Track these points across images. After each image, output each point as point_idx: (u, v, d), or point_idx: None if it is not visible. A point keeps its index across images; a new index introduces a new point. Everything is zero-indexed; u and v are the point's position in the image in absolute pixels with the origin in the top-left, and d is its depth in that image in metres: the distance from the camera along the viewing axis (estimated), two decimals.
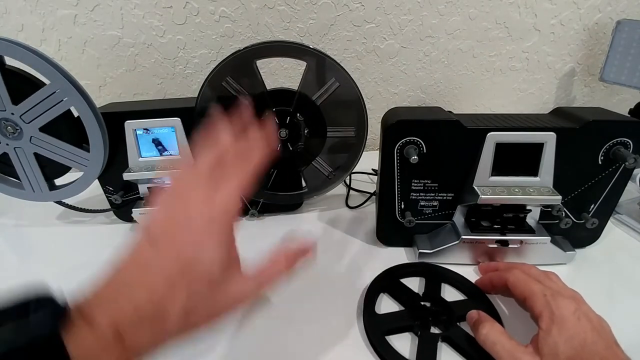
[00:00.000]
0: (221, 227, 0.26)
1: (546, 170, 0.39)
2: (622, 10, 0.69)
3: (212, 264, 0.24)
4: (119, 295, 0.23)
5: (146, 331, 0.22)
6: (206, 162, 0.28)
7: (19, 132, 0.44)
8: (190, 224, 0.25)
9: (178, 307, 0.23)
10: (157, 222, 0.26)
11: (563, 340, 0.29)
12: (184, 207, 0.26)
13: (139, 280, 0.23)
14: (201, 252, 0.24)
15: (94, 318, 0.21)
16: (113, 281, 0.24)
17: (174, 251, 0.24)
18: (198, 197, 0.26)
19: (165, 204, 0.27)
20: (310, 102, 0.46)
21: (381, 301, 0.39)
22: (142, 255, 0.25)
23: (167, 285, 0.23)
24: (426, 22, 0.66)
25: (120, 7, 0.60)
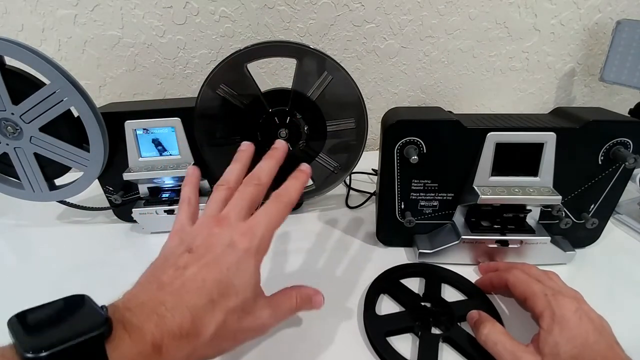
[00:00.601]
0: (258, 258, 0.28)
1: (546, 170, 0.39)
2: (622, 10, 0.69)
3: (248, 290, 0.27)
4: (163, 310, 0.24)
5: (182, 347, 0.23)
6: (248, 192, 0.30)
7: (19, 132, 0.44)
8: (234, 250, 0.27)
9: (213, 328, 0.25)
10: (197, 235, 0.28)
11: (564, 340, 0.29)
12: (228, 232, 0.28)
13: (183, 299, 0.24)
14: (242, 278, 0.27)
15: (139, 332, 0.22)
16: (153, 286, 0.25)
17: (217, 271, 0.26)
18: (240, 227, 0.28)
19: (207, 223, 0.29)
20: (305, 98, 0.46)
21: (381, 302, 0.39)
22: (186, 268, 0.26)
23: (209, 306, 0.25)
24: (426, 22, 0.66)
25: (120, 7, 0.60)
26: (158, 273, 0.26)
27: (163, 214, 0.50)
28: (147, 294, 0.25)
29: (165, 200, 0.50)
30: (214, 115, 0.46)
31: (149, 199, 0.51)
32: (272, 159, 0.33)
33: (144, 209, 0.50)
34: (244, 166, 0.34)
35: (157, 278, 0.26)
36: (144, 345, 0.22)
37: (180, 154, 0.48)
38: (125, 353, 0.21)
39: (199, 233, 0.29)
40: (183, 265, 0.26)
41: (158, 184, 0.50)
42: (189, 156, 0.48)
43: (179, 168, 0.48)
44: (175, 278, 0.25)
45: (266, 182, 0.32)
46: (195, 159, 0.48)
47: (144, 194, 0.51)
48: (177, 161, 0.48)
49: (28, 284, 0.44)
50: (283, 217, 0.30)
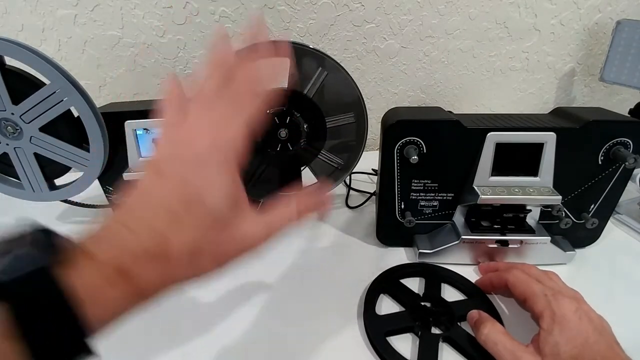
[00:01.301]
0: (228, 161, 0.23)
1: (546, 170, 0.39)
2: (622, 10, 0.69)
3: (218, 199, 0.23)
4: (120, 231, 0.21)
5: (151, 269, 0.21)
6: (213, 84, 0.25)
7: (19, 132, 0.44)
8: (195, 154, 0.23)
9: (182, 246, 0.22)
10: (162, 151, 0.25)
11: (565, 340, 0.29)
12: (189, 134, 0.24)
13: (140, 215, 0.22)
14: (206, 184, 0.23)
15: (95, 253, 0.20)
16: (116, 218, 0.22)
17: (178, 183, 0.22)
18: (204, 125, 0.24)
19: (170, 131, 0.25)
20: (302, 96, 0.46)
21: (381, 302, 0.39)
22: (146, 187, 0.23)
23: (170, 220, 0.22)
24: (426, 22, 0.66)
25: (120, 7, 0.60)
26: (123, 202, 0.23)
27: None
28: (112, 219, 0.22)
29: None
30: None
31: None
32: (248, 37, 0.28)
33: None
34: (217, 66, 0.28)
35: (122, 203, 0.23)
36: (107, 269, 0.20)
37: None
38: (86, 280, 0.19)
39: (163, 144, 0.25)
40: (146, 184, 0.23)
41: None
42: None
43: None
44: (137, 198, 0.23)
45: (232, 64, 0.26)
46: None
47: None
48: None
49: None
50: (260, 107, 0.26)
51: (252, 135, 0.25)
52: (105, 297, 0.20)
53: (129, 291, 0.20)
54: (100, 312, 0.19)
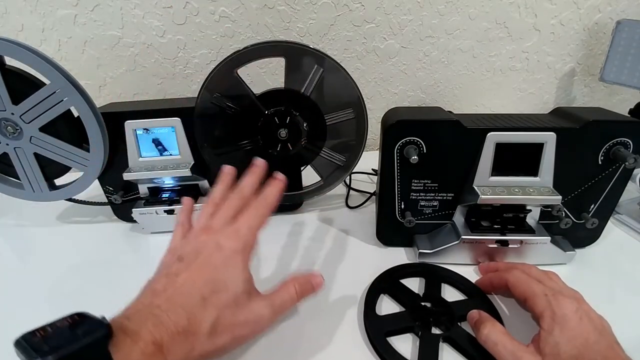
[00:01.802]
0: (245, 257, 0.30)
1: (546, 170, 0.39)
2: (622, 10, 0.69)
3: (238, 285, 0.29)
4: (154, 312, 0.26)
5: (182, 345, 0.25)
6: (232, 204, 0.33)
7: (19, 132, 0.44)
8: (220, 251, 0.30)
9: (208, 323, 0.26)
10: (187, 245, 0.31)
11: (565, 340, 0.29)
12: (214, 237, 0.31)
13: (173, 298, 0.27)
14: (230, 275, 0.29)
15: (138, 334, 0.24)
16: (147, 301, 0.27)
17: (208, 272, 0.28)
18: (225, 231, 0.31)
19: (195, 233, 0.32)
20: (300, 95, 0.46)
21: (381, 302, 0.39)
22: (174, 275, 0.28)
23: (202, 304, 0.27)
24: (426, 22, 0.66)
25: (120, 7, 0.60)
26: (152, 284, 0.29)
27: (163, 214, 0.50)
28: (143, 302, 0.27)
29: (165, 200, 0.50)
30: (213, 119, 0.47)
31: (149, 199, 0.51)
32: (254, 175, 0.36)
33: (144, 209, 0.50)
34: (228, 187, 0.37)
35: (151, 289, 0.28)
36: (145, 344, 0.23)
37: (181, 154, 0.48)
38: (128, 354, 0.22)
39: (189, 243, 0.31)
40: (175, 273, 0.28)
41: (158, 184, 0.50)
42: (189, 156, 0.48)
43: (179, 168, 0.47)
44: (168, 285, 0.28)
45: (248, 194, 0.35)
46: (195, 159, 0.48)
47: (144, 194, 0.51)
48: (177, 161, 0.48)
49: (28, 284, 0.44)
50: (264, 218, 0.33)
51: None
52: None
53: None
54: None
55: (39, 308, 0.40)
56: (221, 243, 0.30)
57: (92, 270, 0.46)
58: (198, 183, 0.51)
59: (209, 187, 0.52)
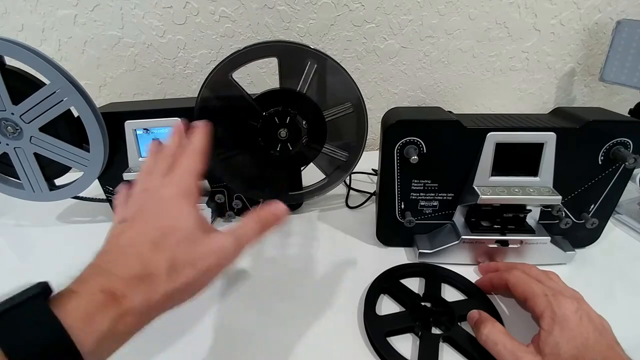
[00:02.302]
0: (189, 200, 0.29)
1: (546, 170, 0.39)
2: (622, 10, 0.69)
3: (188, 224, 0.27)
4: (108, 264, 0.24)
5: (139, 288, 0.23)
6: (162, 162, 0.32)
7: (19, 132, 0.44)
8: (161, 200, 0.29)
9: (165, 262, 0.25)
10: (129, 209, 0.30)
11: (565, 340, 0.29)
12: (150, 193, 0.30)
13: (123, 250, 0.25)
14: (176, 216, 0.28)
15: (84, 287, 0.22)
16: (94, 259, 0.26)
17: (153, 221, 0.27)
18: (157, 183, 0.30)
19: (133, 198, 0.31)
20: (296, 94, 0.46)
21: (382, 302, 0.39)
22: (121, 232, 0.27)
23: (153, 248, 0.25)
24: (426, 22, 0.66)
25: (120, 7, 0.60)
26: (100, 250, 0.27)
27: None
28: (89, 265, 0.25)
29: None
30: (215, 110, 0.46)
31: None
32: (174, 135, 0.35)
33: None
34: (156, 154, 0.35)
35: (97, 254, 0.27)
36: (92, 294, 0.22)
37: None
38: (73, 306, 0.21)
39: (129, 206, 0.31)
40: (119, 232, 0.27)
41: None
42: None
43: None
44: (114, 243, 0.27)
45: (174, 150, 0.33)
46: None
47: None
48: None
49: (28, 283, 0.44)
50: (198, 160, 0.31)
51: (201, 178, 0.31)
52: (95, 320, 0.21)
53: (118, 311, 0.22)
54: (94, 338, 0.21)
55: None
56: (160, 193, 0.29)
57: None
58: None
59: (209, 187, 0.52)
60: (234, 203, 0.52)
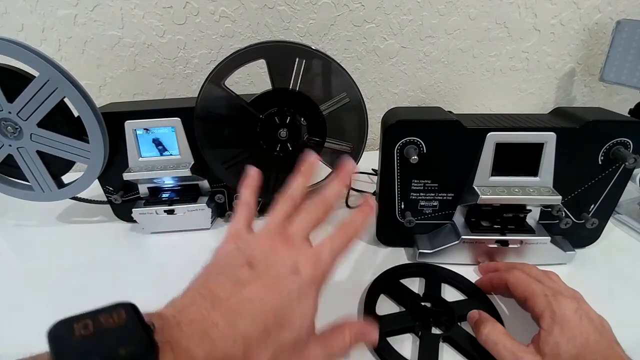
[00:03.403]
0: (319, 289, 0.26)
1: (546, 170, 0.39)
2: (622, 10, 0.69)
3: (304, 325, 0.24)
4: (215, 334, 0.21)
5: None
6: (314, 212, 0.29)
7: (19, 130, 0.44)
8: (297, 275, 0.25)
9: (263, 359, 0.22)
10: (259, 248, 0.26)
11: (565, 340, 0.29)
12: (292, 253, 0.26)
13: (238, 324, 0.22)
14: (300, 309, 0.24)
15: (186, 354, 0.20)
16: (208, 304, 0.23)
17: (278, 296, 0.24)
18: (306, 251, 0.26)
19: (271, 236, 0.27)
20: (289, 92, 0.45)
21: (381, 302, 0.39)
22: (246, 285, 0.24)
23: (263, 336, 0.22)
24: (426, 22, 0.66)
25: (120, 7, 0.60)
26: (212, 285, 0.24)
27: (163, 214, 0.50)
28: (200, 310, 0.22)
29: (165, 200, 0.50)
30: (213, 121, 0.47)
31: (149, 199, 0.51)
32: (342, 183, 0.31)
33: (144, 209, 0.50)
34: (309, 181, 0.32)
35: (211, 291, 0.23)
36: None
37: (181, 154, 0.48)
38: None
39: (260, 245, 0.26)
40: (242, 282, 0.24)
41: (158, 184, 0.50)
42: (189, 156, 0.48)
43: (179, 168, 0.47)
44: (233, 295, 0.23)
45: (334, 205, 0.30)
46: (195, 159, 0.48)
47: (144, 194, 0.51)
48: (177, 161, 0.48)
49: (28, 284, 0.44)
50: (347, 250, 0.28)
51: None
52: None
53: None
54: None
55: (39, 308, 0.40)
56: (299, 265, 0.25)
57: (92, 270, 0.46)
58: (198, 183, 0.51)
59: (209, 187, 0.52)
60: (234, 203, 0.52)
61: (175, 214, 0.50)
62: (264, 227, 0.28)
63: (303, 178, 0.31)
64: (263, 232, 0.28)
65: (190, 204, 0.50)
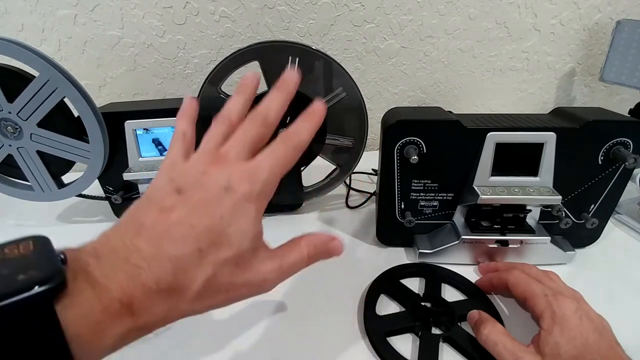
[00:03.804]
0: (259, 204, 0.23)
1: (546, 170, 0.39)
2: (622, 10, 0.69)
3: (244, 241, 0.22)
4: (132, 257, 0.20)
5: (159, 305, 0.20)
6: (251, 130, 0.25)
7: (19, 130, 0.44)
8: (230, 193, 0.22)
9: (200, 282, 0.21)
10: (188, 173, 0.24)
11: (565, 340, 0.29)
12: (225, 171, 0.23)
13: (160, 243, 0.21)
14: (237, 226, 0.22)
15: (104, 287, 0.19)
16: (130, 228, 0.22)
17: (209, 217, 0.22)
18: (240, 167, 0.24)
19: (202, 159, 0.24)
20: None
21: (381, 302, 0.39)
22: (168, 209, 0.22)
23: (196, 257, 0.21)
24: (426, 22, 0.66)
25: (120, 7, 0.60)
26: (139, 214, 0.23)
27: None
28: (122, 239, 0.21)
29: None
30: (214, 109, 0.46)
31: None
32: (282, 92, 0.27)
33: None
34: (248, 100, 0.28)
35: (136, 220, 0.22)
36: (110, 300, 0.18)
37: None
38: (84, 311, 0.18)
39: (192, 171, 0.24)
40: (169, 207, 0.22)
41: None
42: None
43: None
44: (158, 221, 0.21)
45: (274, 121, 0.26)
46: None
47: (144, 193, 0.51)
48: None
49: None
50: (290, 162, 0.25)
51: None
52: (104, 334, 0.18)
53: (130, 326, 0.19)
54: (95, 348, 0.18)
55: None
56: (232, 183, 0.23)
57: None
58: None
59: None
60: None
61: None
62: (197, 151, 0.26)
63: (240, 96, 0.28)
64: (195, 157, 0.25)
65: None
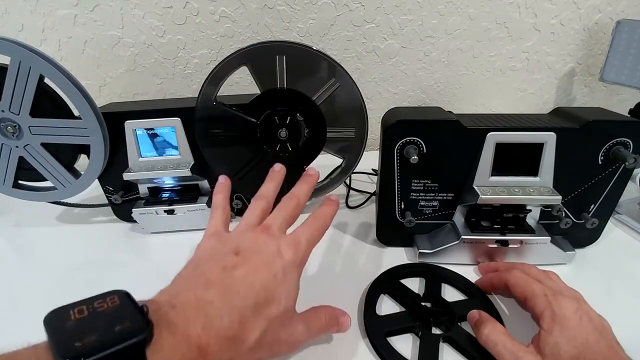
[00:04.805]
0: (299, 272, 0.29)
1: (546, 170, 0.39)
2: (622, 10, 0.69)
3: (289, 301, 0.27)
4: (211, 310, 0.23)
5: (227, 351, 0.23)
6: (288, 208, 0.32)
7: (18, 128, 0.44)
8: (281, 258, 0.27)
9: (257, 333, 0.25)
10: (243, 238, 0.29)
11: (565, 340, 0.29)
12: (274, 240, 0.28)
13: (229, 299, 0.24)
14: (286, 287, 0.27)
15: (184, 334, 0.21)
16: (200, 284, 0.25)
17: (266, 277, 0.26)
18: (285, 238, 0.29)
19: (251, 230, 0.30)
20: (278, 91, 0.45)
21: (382, 302, 0.39)
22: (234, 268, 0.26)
23: (255, 311, 0.25)
24: (426, 22, 0.66)
25: (120, 7, 0.60)
26: (203, 270, 0.26)
27: (163, 214, 0.50)
28: (193, 292, 0.24)
29: (165, 200, 0.50)
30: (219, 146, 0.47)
31: (149, 199, 0.51)
32: (307, 183, 0.35)
33: (144, 209, 0.49)
34: (278, 185, 0.36)
35: (203, 275, 0.25)
36: (189, 347, 0.21)
37: (181, 154, 0.48)
38: (168, 355, 0.20)
39: (244, 238, 0.29)
40: (231, 266, 0.26)
41: (158, 184, 0.50)
42: (189, 156, 0.48)
43: (179, 168, 0.47)
44: (224, 278, 0.25)
45: (304, 202, 0.34)
46: (195, 159, 0.48)
47: (143, 194, 0.51)
48: (177, 161, 0.48)
49: (28, 283, 0.44)
50: (321, 235, 0.31)
51: None
52: None
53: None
54: None
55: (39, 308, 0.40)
56: (282, 250, 0.28)
57: (92, 270, 0.46)
58: (198, 183, 0.51)
59: (209, 187, 0.52)
60: (234, 203, 0.52)
61: (175, 214, 0.50)
62: (242, 223, 0.31)
63: (273, 182, 0.35)
64: (242, 227, 0.31)
65: (190, 204, 0.50)
